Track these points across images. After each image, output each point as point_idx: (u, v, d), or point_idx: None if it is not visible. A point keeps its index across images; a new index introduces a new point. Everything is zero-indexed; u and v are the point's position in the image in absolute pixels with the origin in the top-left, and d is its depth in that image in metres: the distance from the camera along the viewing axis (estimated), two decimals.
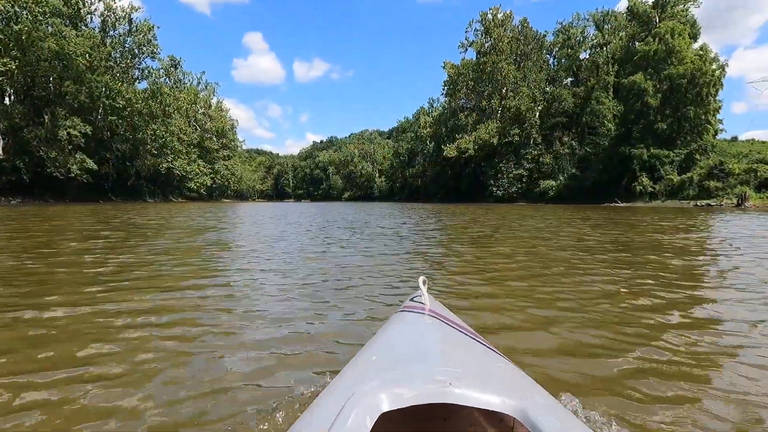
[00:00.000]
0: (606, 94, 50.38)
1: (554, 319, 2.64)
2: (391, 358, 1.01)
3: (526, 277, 4.02)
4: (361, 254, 5.65)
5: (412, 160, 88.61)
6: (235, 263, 4.84)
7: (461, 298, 3.16)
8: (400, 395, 0.75)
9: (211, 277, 3.97)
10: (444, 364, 0.89)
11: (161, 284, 3.59)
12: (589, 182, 43.25)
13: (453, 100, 58.07)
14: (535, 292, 3.36)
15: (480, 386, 0.77)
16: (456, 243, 7.23)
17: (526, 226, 11.02)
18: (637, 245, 6.63)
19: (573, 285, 3.66)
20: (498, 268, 4.49)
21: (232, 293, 3.32)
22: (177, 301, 3.03)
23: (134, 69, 50.18)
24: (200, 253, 5.63)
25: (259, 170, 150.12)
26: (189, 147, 67.09)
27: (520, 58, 54.32)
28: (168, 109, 53.60)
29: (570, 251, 5.88)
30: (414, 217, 16.59)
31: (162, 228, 9.54)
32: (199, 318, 2.62)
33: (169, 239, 7.30)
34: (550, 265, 4.63)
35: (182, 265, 4.60)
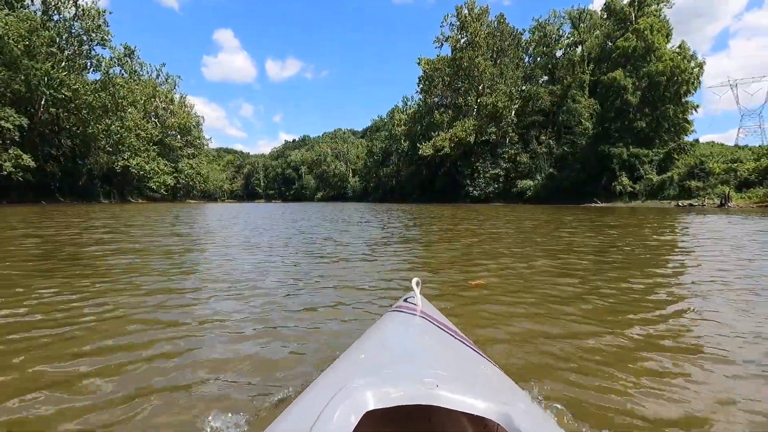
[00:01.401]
0: (582, 92, 49.65)
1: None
2: (379, 357, 1.00)
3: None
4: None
5: (386, 159, 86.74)
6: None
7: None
8: (387, 394, 0.75)
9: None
10: (432, 366, 0.88)
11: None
12: (568, 182, 42.18)
13: (428, 96, 56.13)
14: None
15: (466, 390, 0.77)
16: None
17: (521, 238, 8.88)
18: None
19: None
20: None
21: None
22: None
23: (83, 58, 45.52)
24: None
25: (228, 170, 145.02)
26: (148, 144, 62.52)
27: (496, 54, 52.97)
28: (122, 102, 49.18)
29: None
30: (391, 223, 14.21)
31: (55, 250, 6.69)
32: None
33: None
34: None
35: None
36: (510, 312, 2.81)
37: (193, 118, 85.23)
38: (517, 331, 2.41)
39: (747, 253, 5.63)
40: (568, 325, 2.51)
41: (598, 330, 2.42)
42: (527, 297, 3.21)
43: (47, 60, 39.32)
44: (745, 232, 8.89)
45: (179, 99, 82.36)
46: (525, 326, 2.48)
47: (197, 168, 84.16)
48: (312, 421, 0.68)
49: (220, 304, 2.99)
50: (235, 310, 2.84)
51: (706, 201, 30.47)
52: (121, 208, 28.80)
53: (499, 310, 2.83)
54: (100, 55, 46.14)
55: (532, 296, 3.23)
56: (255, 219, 15.33)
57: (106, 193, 59.07)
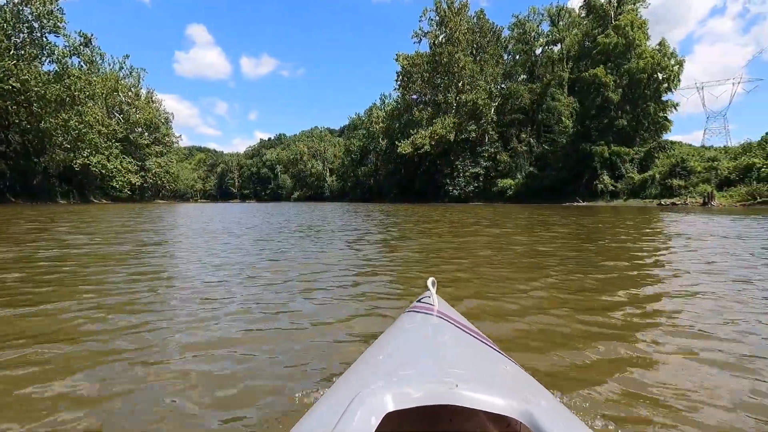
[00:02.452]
0: (561, 90, 49.24)
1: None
2: (397, 358, 1.00)
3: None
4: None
5: (364, 158, 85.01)
6: None
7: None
8: (407, 395, 0.74)
9: None
10: (451, 365, 0.88)
11: None
12: (549, 181, 41.45)
13: (407, 92, 54.60)
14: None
15: (486, 388, 0.77)
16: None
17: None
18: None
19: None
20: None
21: None
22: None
23: (33, 46, 41.80)
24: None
25: (200, 168, 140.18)
26: (110, 141, 58.73)
27: (476, 50, 51.93)
28: (79, 95, 45.61)
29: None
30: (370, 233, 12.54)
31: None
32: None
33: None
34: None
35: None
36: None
37: (161, 115, 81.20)
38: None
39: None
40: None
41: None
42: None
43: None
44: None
45: (146, 94, 78.29)
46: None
47: (166, 167, 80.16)
48: (333, 423, 0.68)
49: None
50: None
51: (689, 200, 30.01)
52: (70, 209, 26.00)
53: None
54: (53, 44, 42.47)
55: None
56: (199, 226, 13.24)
57: (65, 193, 55.11)
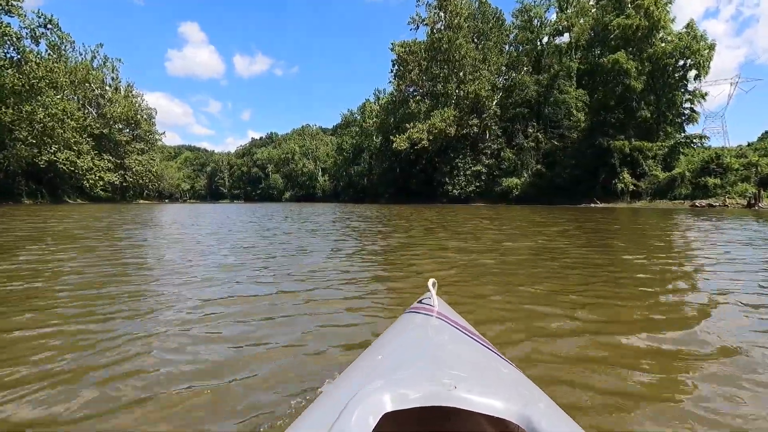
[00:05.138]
0: (570, 82, 45.26)
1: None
2: (396, 359, 1.00)
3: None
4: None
5: (357, 157, 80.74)
6: None
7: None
8: (405, 396, 0.75)
9: None
10: (449, 366, 0.88)
11: None
12: (560, 180, 37.41)
13: (403, 83, 50.21)
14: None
15: (485, 391, 0.77)
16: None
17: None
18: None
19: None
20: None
21: None
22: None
23: None
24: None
25: (185, 167, 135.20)
26: (80, 136, 53.87)
27: (478, 38, 47.73)
28: (37, 84, 40.86)
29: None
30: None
31: None
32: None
33: None
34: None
35: None
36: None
37: (143, 110, 76.30)
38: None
39: None
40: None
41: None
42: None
43: None
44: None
45: (126, 87, 73.43)
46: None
47: (147, 165, 75.26)
48: (330, 423, 0.68)
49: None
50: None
51: (728, 200, 25.98)
52: (27, 211, 21.46)
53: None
54: (6, 24, 37.64)
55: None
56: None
57: (31, 193, 50.35)
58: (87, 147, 55.65)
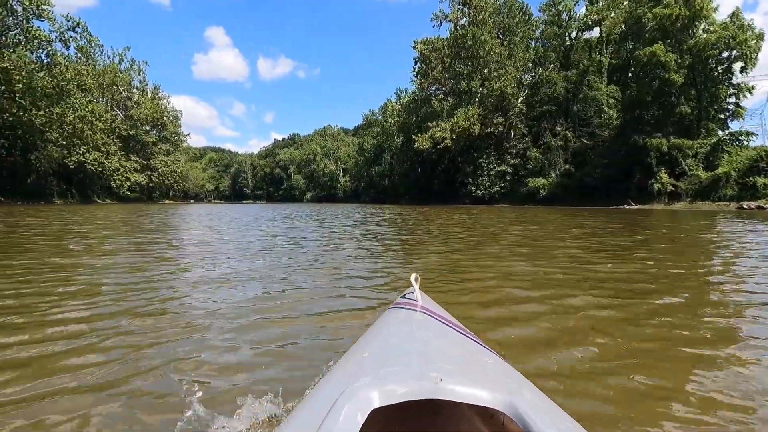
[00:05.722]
0: (601, 77, 43.30)
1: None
2: (382, 355, 1.00)
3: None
4: None
5: (378, 157, 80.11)
6: None
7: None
8: (392, 391, 0.75)
9: None
10: (435, 360, 0.88)
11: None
12: (590, 180, 35.63)
13: (425, 81, 49.08)
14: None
15: (470, 382, 0.78)
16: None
17: None
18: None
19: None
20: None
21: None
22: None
23: (15, 30, 38.09)
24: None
25: (210, 168, 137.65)
26: (107, 137, 55.02)
27: (503, 33, 46.19)
28: (66, 86, 41.73)
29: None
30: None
31: None
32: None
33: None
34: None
35: None
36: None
37: (169, 112, 77.66)
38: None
39: None
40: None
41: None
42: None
43: None
44: None
45: (152, 89, 74.89)
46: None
47: (173, 165, 76.59)
48: (319, 421, 0.68)
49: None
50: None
51: None
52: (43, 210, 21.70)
53: None
54: (36, 27, 38.57)
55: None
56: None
57: (62, 193, 51.68)
58: (114, 148, 56.84)
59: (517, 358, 1.99)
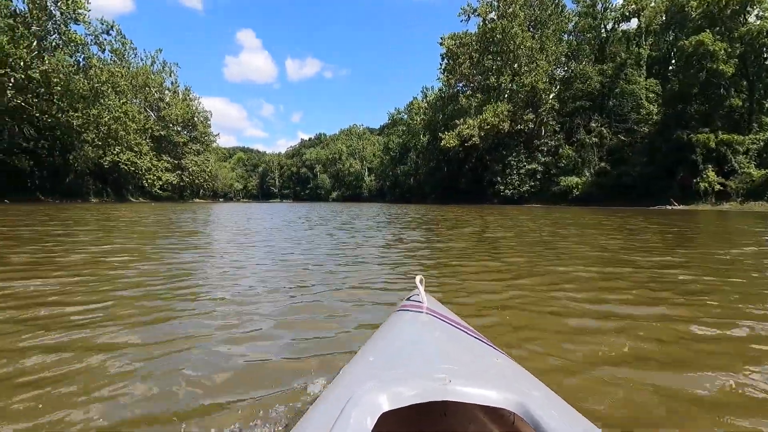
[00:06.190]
0: (639, 70, 41.04)
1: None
2: (389, 358, 1.00)
3: None
4: None
5: (403, 156, 79.34)
6: None
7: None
8: (400, 394, 0.75)
9: None
10: (443, 361, 0.88)
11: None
12: (628, 179, 33.72)
13: (453, 77, 47.90)
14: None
15: (479, 382, 0.77)
16: None
17: None
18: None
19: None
20: None
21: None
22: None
23: (53, 34, 39.45)
24: None
25: (238, 167, 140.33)
26: (140, 137, 56.50)
27: (534, 26, 44.49)
28: (101, 88, 42.95)
29: None
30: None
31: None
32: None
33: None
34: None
35: None
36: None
37: (199, 113, 79.32)
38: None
39: None
40: None
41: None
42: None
43: (4, 34, 33.23)
44: None
45: (183, 91, 76.65)
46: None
47: (203, 165, 78.24)
48: (329, 426, 0.68)
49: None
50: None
51: None
52: (75, 208, 22.15)
53: None
54: (72, 31, 39.81)
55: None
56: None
57: (98, 192, 53.47)
58: (147, 148, 58.33)
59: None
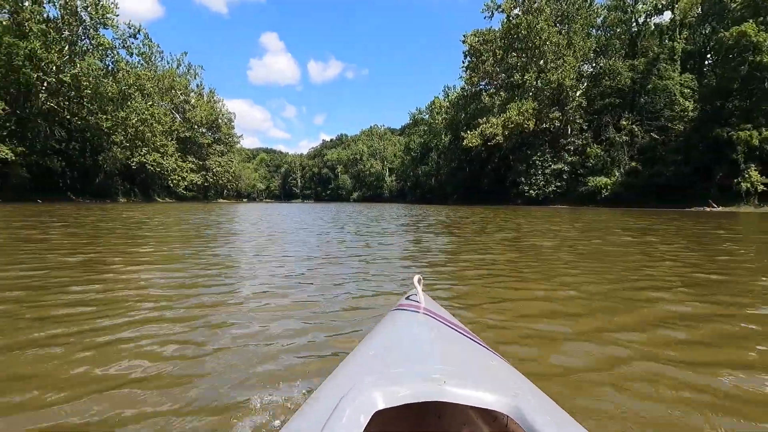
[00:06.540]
0: (673, 65, 39.11)
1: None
2: (385, 357, 1.00)
3: None
4: None
5: (425, 156, 78.60)
6: None
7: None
8: (395, 393, 0.75)
9: None
10: (438, 362, 0.88)
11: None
12: (662, 179, 32.11)
13: (476, 75, 46.87)
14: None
15: (474, 384, 0.77)
16: None
17: None
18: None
19: None
20: None
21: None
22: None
23: (83, 39, 40.56)
24: None
25: (261, 168, 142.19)
26: (165, 138, 57.68)
27: (561, 21, 43.04)
28: (128, 91, 43.95)
29: None
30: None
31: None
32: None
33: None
34: None
35: None
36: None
37: (223, 115, 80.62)
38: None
39: None
40: None
41: None
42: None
43: (37, 39, 34.34)
44: None
45: (208, 93, 78.02)
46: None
47: (226, 166, 79.49)
48: (322, 423, 0.68)
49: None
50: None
51: None
52: (99, 208, 22.56)
53: None
54: (102, 35, 40.89)
55: None
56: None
57: (126, 192, 54.88)
58: (172, 149, 59.52)
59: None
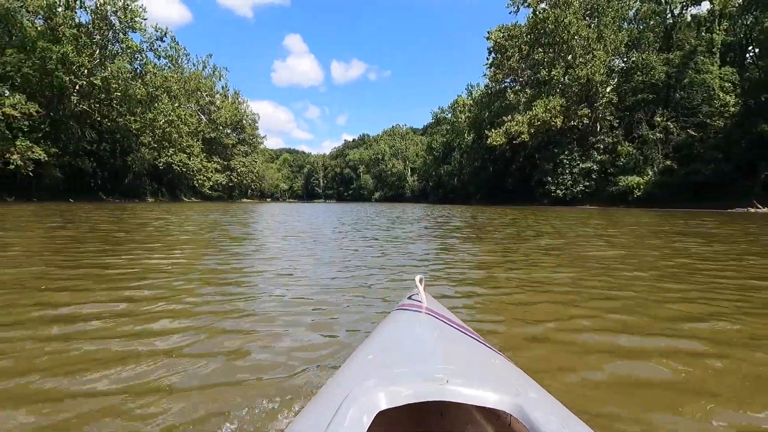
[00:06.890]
0: (712, 58, 37.04)
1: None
2: (387, 357, 1.01)
3: None
4: None
5: (447, 156, 77.59)
6: None
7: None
8: (398, 393, 0.74)
9: None
10: (441, 361, 0.88)
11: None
12: (700, 177, 30.38)
13: (500, 72, 45.73)
14: None
15: (476, 383, 0.77)
16: None
17: None
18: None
19: None
20: None
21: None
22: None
23: (113, 43, 41.67)
24: None
25: (284, 168, 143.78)
26: (191, 139, 58.79)
27: (591, 14, 41.44)
28: (155, 93, 44.92)
29: None
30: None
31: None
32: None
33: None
34: None
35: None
36: None
37: (248, 116, 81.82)
38: None
39: None
40: None
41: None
42: None
43: (68, 42, 35.38)
44: None
45: (233, 94, 79.29)
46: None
47: (250, 166, 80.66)
48: (325, 423, 0.68)
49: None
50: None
51: None
52: (128, 208, 22.91)
53: None
54: (130, 39, 41.91)
55: None
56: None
57: (153, 192, 56.25)
58: (198, 150, 60.65)
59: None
